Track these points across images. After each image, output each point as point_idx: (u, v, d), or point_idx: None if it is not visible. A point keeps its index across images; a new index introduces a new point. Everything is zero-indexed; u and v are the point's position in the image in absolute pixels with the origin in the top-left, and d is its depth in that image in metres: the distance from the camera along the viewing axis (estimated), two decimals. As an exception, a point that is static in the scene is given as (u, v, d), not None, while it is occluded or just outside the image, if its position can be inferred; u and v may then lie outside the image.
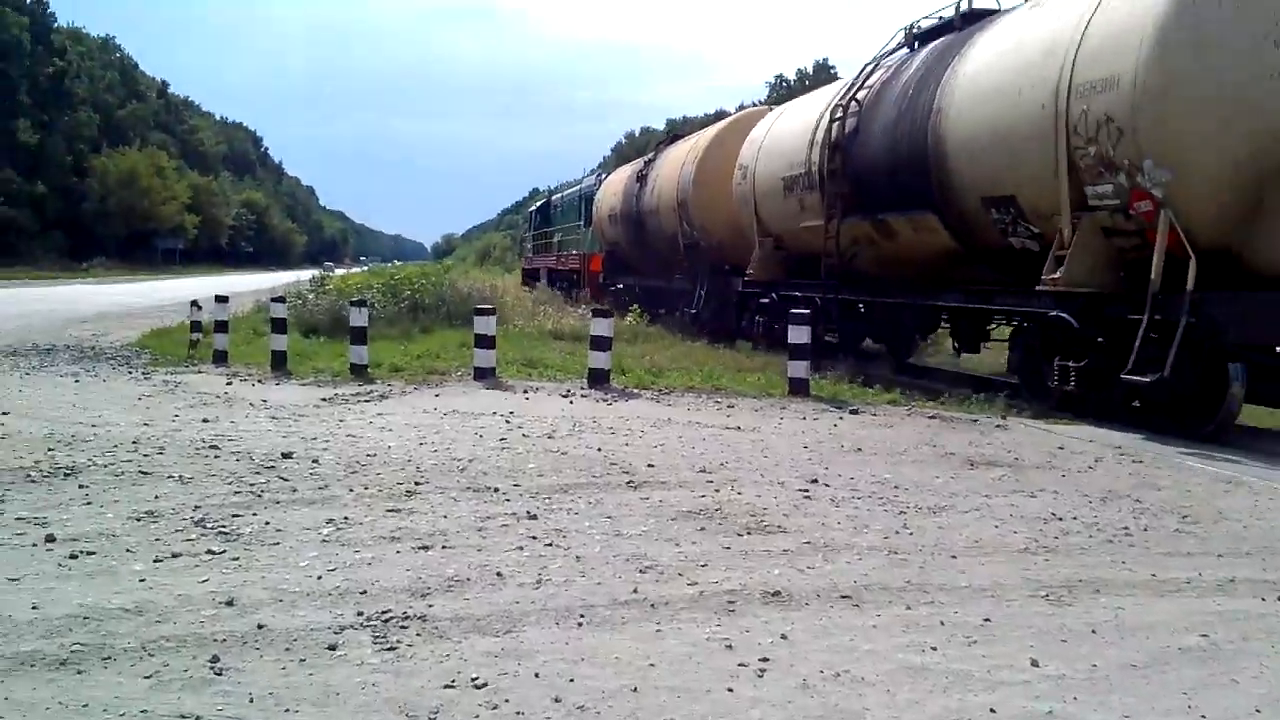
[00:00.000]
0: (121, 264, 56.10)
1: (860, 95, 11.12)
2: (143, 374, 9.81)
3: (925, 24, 10.84)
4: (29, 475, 4.98)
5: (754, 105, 58.96)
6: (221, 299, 12.15)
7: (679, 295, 17.55)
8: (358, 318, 10.14)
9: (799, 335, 9.13)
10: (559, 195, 31.76)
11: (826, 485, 5.22)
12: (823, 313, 11.56)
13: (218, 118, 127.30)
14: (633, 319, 15.95)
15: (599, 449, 6.08)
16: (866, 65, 11.66)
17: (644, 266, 20.13)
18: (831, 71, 68.11)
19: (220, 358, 10.98)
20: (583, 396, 8.64)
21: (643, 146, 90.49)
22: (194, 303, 13.67)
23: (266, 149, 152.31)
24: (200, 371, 10.22)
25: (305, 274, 53.40)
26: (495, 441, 6.25)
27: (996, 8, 9.89)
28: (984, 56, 8.92)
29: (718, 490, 5.04)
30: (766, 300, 13.76)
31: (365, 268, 58.53)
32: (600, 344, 9.39)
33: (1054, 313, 7.87)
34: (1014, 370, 9.56)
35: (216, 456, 5.57)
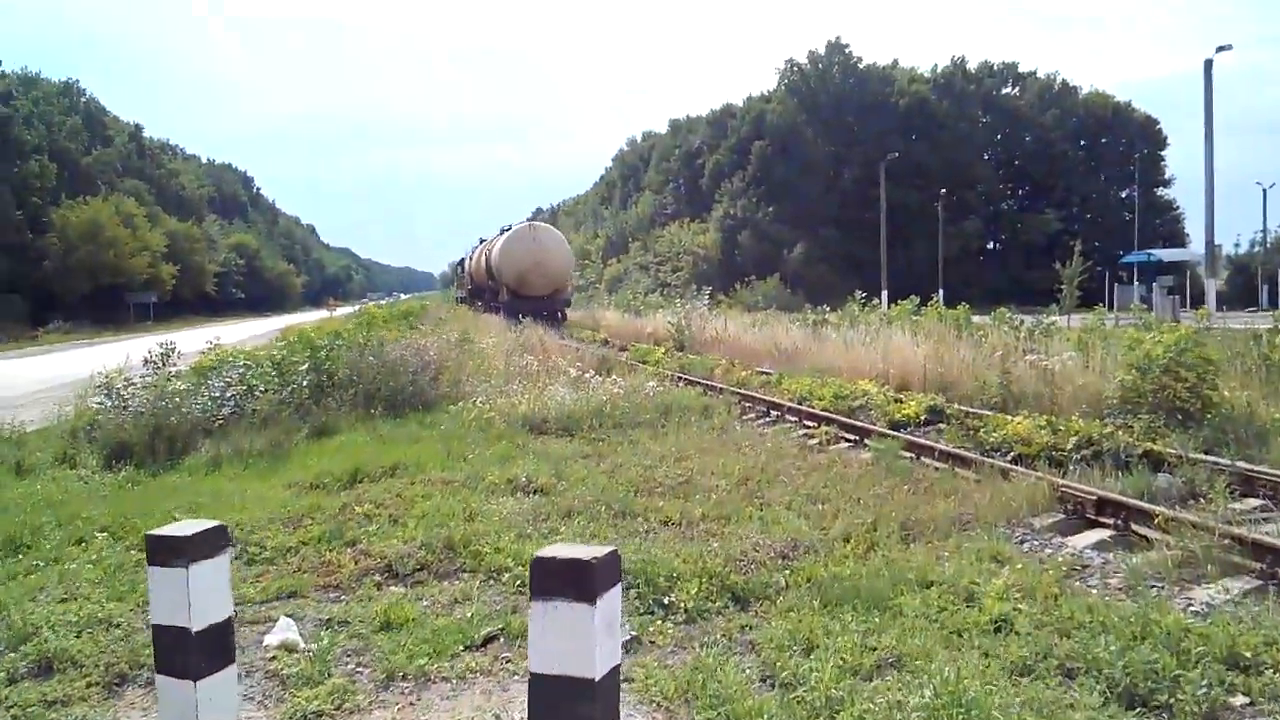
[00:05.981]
0: (87, 325, 50.22)
1: (488, 249, 39.33)
2: None
3: (506, 225, 39.06)
4: None
5: (763, 94, 78.57)
6: None
7: (488, 305, 45.70)
8: None
9: None
10: (466, 257, 60.22)
11: None
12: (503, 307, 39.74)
13: (204, 160, 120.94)
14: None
15: None
16: (494, 236, 39.98)
17: (480, 294, 48.40)
18: (847, 51, 74.98)
19: None
20: None
21: (645, 152, 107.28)
22: None
23: (259, 189, 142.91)
24: None
25: (306, 316, 52.88)
26: None
27: (511, 226, 38.10)
28: (496, 244, 37.16)
29: None
30: (500, 303, 41.78)
31: (365, 304, 64.03)
32: None
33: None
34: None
35: None
